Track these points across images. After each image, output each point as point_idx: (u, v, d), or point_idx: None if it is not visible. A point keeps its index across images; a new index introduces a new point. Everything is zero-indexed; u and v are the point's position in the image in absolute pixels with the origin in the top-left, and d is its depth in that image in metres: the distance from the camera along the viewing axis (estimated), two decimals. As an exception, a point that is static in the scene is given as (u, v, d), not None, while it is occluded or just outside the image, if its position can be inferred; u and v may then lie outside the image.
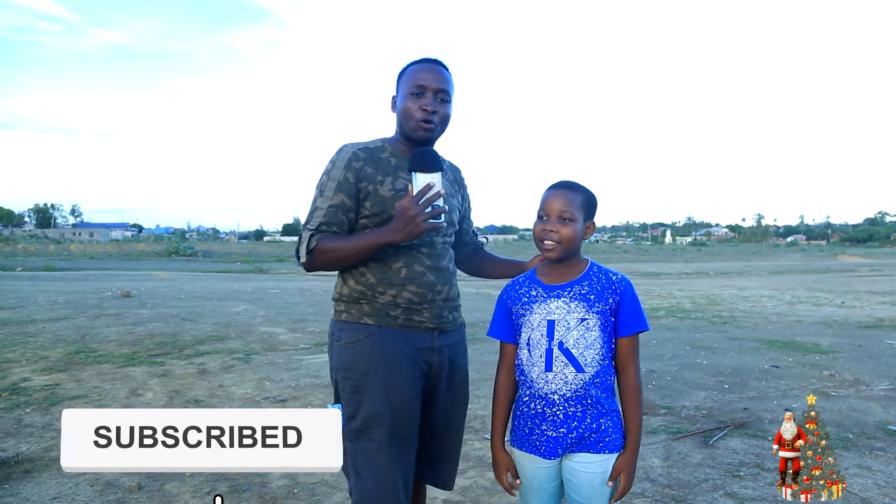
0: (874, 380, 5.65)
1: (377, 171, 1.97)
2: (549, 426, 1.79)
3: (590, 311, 1.78)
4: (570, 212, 1.78)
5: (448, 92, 2.01)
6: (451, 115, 2.05)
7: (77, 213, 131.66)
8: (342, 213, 1.94)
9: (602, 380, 1.79)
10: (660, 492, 3.21)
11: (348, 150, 2.00)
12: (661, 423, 4.33)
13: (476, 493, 3.20)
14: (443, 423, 2.09)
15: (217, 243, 54.86)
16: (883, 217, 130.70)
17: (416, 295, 1.96)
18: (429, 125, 1.97)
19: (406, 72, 2.04)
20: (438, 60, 2.04)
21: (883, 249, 62.11)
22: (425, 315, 1.98)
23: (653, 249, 52.50)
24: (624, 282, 1.82)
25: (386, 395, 1.90)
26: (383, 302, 1.95)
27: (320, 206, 1.95)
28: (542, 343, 1.80)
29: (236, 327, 8.39)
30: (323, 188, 1.97)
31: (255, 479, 3.35)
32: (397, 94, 2.07)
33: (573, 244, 1.80)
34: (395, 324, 1.95)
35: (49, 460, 3.56)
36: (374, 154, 2.01)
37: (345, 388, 1.95)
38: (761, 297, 13.56)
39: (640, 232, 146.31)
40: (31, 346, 6.91)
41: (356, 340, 1.95)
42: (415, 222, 1.79)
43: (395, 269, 1.96)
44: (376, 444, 1.88)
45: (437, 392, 2.05)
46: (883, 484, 3.31)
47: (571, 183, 1.84)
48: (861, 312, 10.70)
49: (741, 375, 5.84)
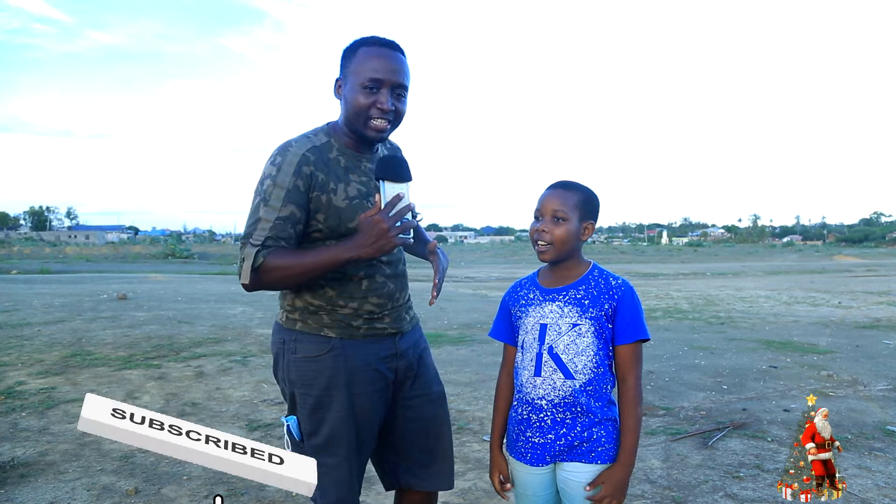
0: (872, 380, 5.65)
1: (329, 178, 1.76)
2: (535, 433, 1.76)
3: (582, 317, 1.72)
4: (564, 211, 1.73)
5: (405, 87, 1.78)
6: (406, 110, 1.82)
7: (73, 216, 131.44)
8: (291, 227, 1.71)
9: (595, 388, 1.73)
10: (659, 493, 3.20)
11: (295, 151, 1.75)
12: (659, 425, 4.32)
13: (475, 495, 3.19)
14: (423, 423, 1.98)
15: (213, 245, 54.71)
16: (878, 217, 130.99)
17: (377, 305, 1.85)
18: (383, 124, 1.76)
19: (357, 55, 1.77)
20: (396, 44, 1.79)
21: (878, 250, 62.19)
22: (386, 321, 1.88)
23: (649, 250, 52.55)
24: (623, 287, 1.75)
25: (350, 411, 1.80)
26: (344, 314, 1.82)
27: (264, 218, 1.70)
28: (534, 347, 1.76)
29: (233, 329, 8.36)
30: (268, 196, 1.71)
31: (253, 482, 3.33)
32: (344, 79, 1.79)
33: (566, 245, 1.74)
34: (357, 335, 1.83)
35: (45, 464, 3.54)
36: (323, 155, 1.78)
37: (304, 405, 1.82)
38: (758, 297, 13.57)
39: (637, 233, 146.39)
40: (26, 349, 6.88)
41: (317, 355, 1.80)
42: (386, 237, 1.62)
43: (357, 280, 1.82)
44: (340, 459, 1.80)
45: (408, 396, 1.95)
46: (882, 484, 3.30)
47: (569, 182, 1.80)
48: (858, 312, 10.70)
49: (739, 376, 5.84)
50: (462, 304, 11.52)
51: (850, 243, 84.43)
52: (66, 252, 37.18)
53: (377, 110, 1.74)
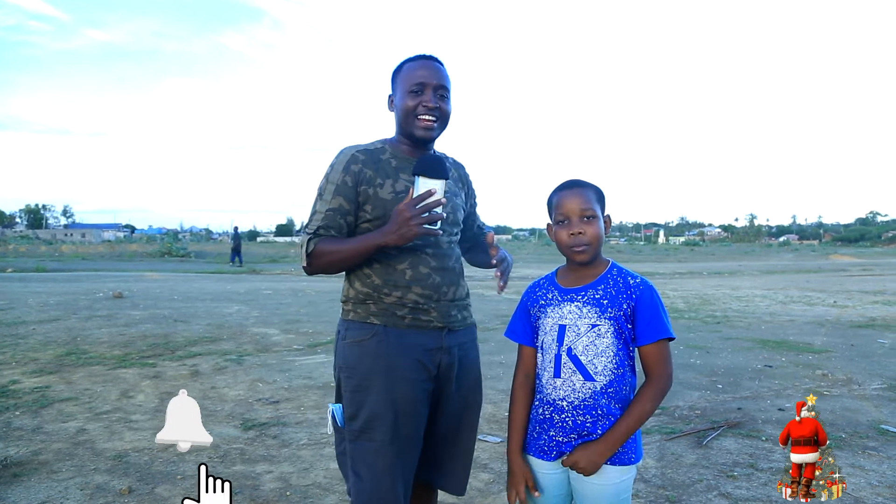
0: (866, 379, 5.66)
1: (377, 174, 1.95)
2: (558, 432, 1.72)
3: (602, 317, 1.70)
4: (591, 209, 1.73)
5: (447, 88, 1.99)
6: (451, 112, 2.03)
7: (69, 214, 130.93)
8: (340, 217, 1.93)
9: (616, 390, 1.69)
10: (654, 492, 3.20)
11: (347, 152, 1.98)
12: (654, 424, 4.32)
13: (469, 494, 3.17)
14: (454, 425, 2.05)
15: (210, 244, 54.58)
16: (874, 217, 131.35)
17: (422, 297, 1.93)
18: (431, 121, 1.96)
19: (402, 69, 2.01)
20: (435, 57, 2.02)
21: (874, 249, 62.41)
22: (433, 315, 1.95)
23: (646, 249, 52.57)
24: (642, 286, 1.71)
25: (389, 395, 1.87)
26: (389, 302, 1.93)
27: (319, 210, 1.95)
28: (553, 348, 1.74)
29: (229, 328, 8.34)
30: (322, 192, 1.97)
31: (248, 481, 3.33)
32: (394, 93, 2.04)
33: (601, 241, 1.74)
34: (401, 324, 1.93)
35: (38, 464, 3.53)
36: (374, 156, 1.99)
37: (347, 388, 1.93)
38: (754, 296, 13.59)
39: (634, 232, 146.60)
40: (21, 347, 6.86)
41: (361, 339, 1.93)
42: (408, 225, 1.77)
43: (400, 270, 1.93)
44: (377, 444, 1.86)
45: (447, 393, 2.00)
46: (876, 483, 3.31)
47: (581, 181, 1.79)
48: (853, 312, 10.73)
49: (735, 375, 5.85)
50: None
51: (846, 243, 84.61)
52: (62, 250, 37.06)
53: (423, 108, 1.94)
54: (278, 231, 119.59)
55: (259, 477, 3.39)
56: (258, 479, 3.35)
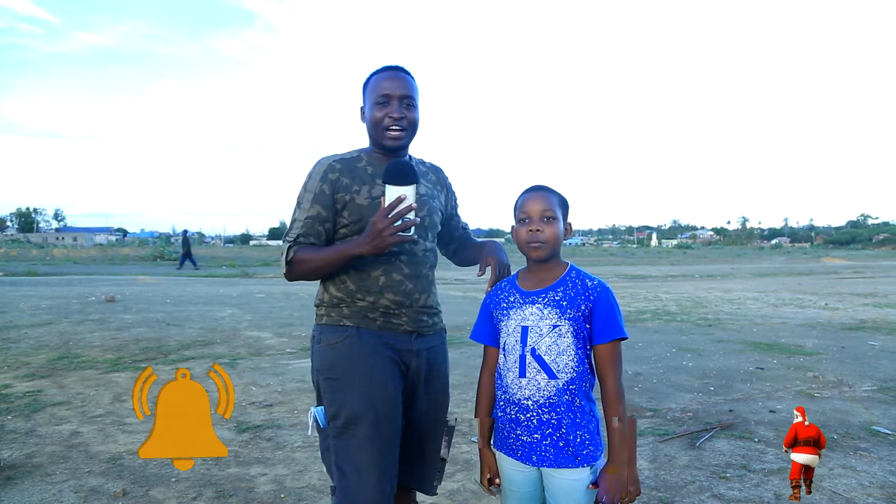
0: (857, 381, 5.71)
1: (353, 181, 2.01)
2: (524, 431, 1.80)
3: (562, 318, 1.77)
4: (552, 210, 1.81)
5: (413, 97, 2.04)
6: (418, 119, 2.07)
7: (60, 218, 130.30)
8: (319, 224, 2.00)
9: (577, 386, 1.77)
10: (647, 494, 3.22)
11: (324, 162, 2.05)
12: (647, 426, 4.34)
13: (464, 496, 3.20)
14: (424, 426, 2.10)
15: (202, 247, 54.35)
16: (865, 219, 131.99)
17: (394, 302, 2.00)
18: (397, 132, 2.01)
19: (370, 82, 2.07)
20: (400, 67, 2.07)
21: (865, 251, 62.72)
22: (403, 319, 2.02)
23: (639, 252, 52.68)
24: (599, 288, 1.79)
25: (367, 392, 1.92)
26: (361, 306, 2.00)
27: (298, 218, 2.01)
28: (517, 349, 1.81)
29: (222, 332, 8.33)
30: (301, 201, 2.03)
31: (242, 483, 3.33)
32: (364, 104, 2.10)
33: (558, 242, 1.82)
34: (373, 325, 1.99)
35: (32, 466, 3.52)
36: (351, 164, 2.05)
37: (326, 389, 1.98)
38: (746, 299, 13.65)
39: (627, 235, 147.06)
40: (13, 352, 6.83)
41: (336, 342, 1.98)
42: (381, 236, 1.82)
43: (374, 276, 1.99)
44: (359, 441, 1.90)
45: (416, 395, 2.07)
46: (867, 484, 3.34)
47: (546, 186, 1.88)
48: (844, 314, 10.79)
49: (726, 377, 5.88)
50: (451, 307, 11.54)
51: (837, 245, 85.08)
52: (54, 254, 36.83)
53: (390, 119, 2.00)
54: (271, 234, 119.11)
55: (253, 479, 3.39)
56: (252, 482, 3.36)
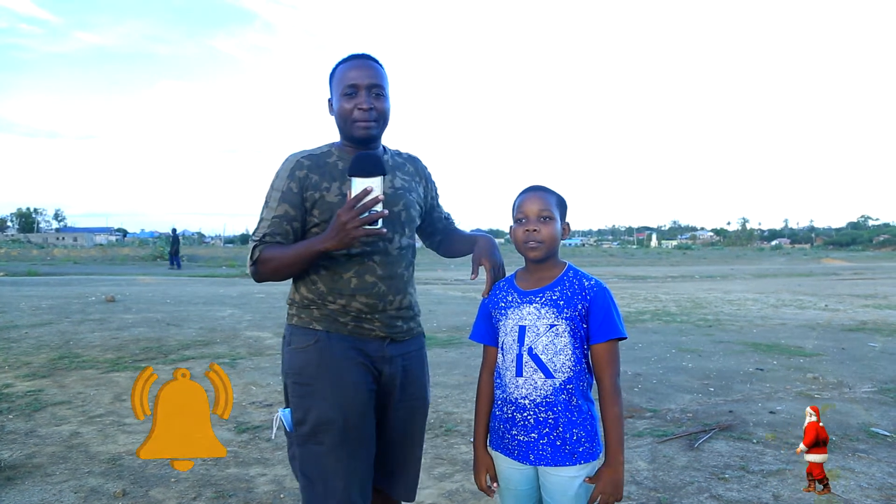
0: (857, 382, 5.71)
1: (323, 178, 1.94)
2: (520, 431, 1.80)
3: (559, 318, 1.78)
4: (549, 210, 1.81)
5: (382, 86, 1.95)
6: (389, 108, 1.99)
7: (60, 218, 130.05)
8: (286, 223, 1.93)
9: (574, 386, 1.78)
10: (645, 494, 3.23)
11: (292, 159, 1.97)
12: (646, 426, 4.35)
13: (462, 496, 3.20)
14: (399, 434, 2.04)
15: (202, 247, 54.34)
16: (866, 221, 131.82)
17: (366, 305, 1.93)
18: (367, 123, 1.93)
19: (336, 72, 1.98)
20: (367, 55, 1.98)
21: (865, 253, 62.62)
22: (376, 324, 1.94)
23: (639, 253, 52.64)
24: (596, 287, 1.79)
25: (335, 399, 1.86)
26: (332, 309, 1.93)
27: (265, 218, 1.95)
28: (514, 348, 1.82)
29: (222, 332, 8.34)
30: (269, 199, 1.96)
31: (241, 484, 3.34)
32: (332, 96, 2.01)
33: (555, 242, 1.82)
34: (343, 330, 1.92)
35: (32, 467, 3.53)
36: (320, 160, 1.97)
37: (294, 393, 1.92)
38: (746, 300, 13.66)
39: (627, 236, 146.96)
40: (13, 351, 6.84)
41: (305, 346, 1.92)
42: (346, 229, 1.73)
43: (346, 278, 1.92)
44: (326, 448, 1.85)
45: (391, 402, 2.00)
46: (866, 485, 3.34)
47: (544, 186, 1.88)
48: (844, 315, 10.79)
49: (726, 378, 5.88)
50: (451, 307, 11.55)
51: (837, 246, 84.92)
52: (54, 254, 36.83)
53: (359, 111, 1.92)
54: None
55: (253, 480, 3.40)
56: (252, 482, 3.36)
